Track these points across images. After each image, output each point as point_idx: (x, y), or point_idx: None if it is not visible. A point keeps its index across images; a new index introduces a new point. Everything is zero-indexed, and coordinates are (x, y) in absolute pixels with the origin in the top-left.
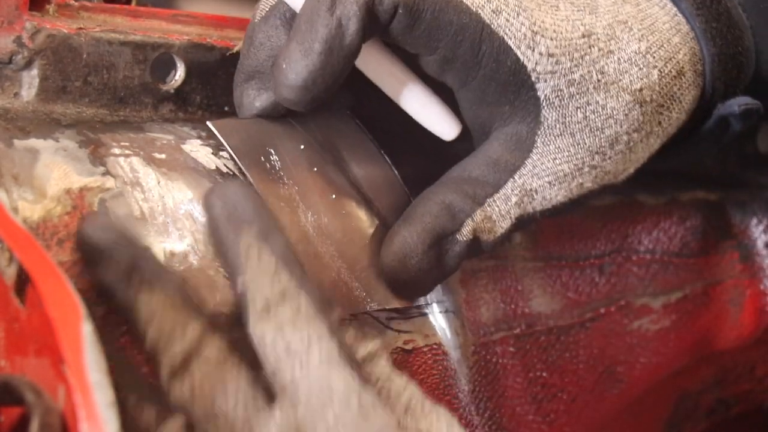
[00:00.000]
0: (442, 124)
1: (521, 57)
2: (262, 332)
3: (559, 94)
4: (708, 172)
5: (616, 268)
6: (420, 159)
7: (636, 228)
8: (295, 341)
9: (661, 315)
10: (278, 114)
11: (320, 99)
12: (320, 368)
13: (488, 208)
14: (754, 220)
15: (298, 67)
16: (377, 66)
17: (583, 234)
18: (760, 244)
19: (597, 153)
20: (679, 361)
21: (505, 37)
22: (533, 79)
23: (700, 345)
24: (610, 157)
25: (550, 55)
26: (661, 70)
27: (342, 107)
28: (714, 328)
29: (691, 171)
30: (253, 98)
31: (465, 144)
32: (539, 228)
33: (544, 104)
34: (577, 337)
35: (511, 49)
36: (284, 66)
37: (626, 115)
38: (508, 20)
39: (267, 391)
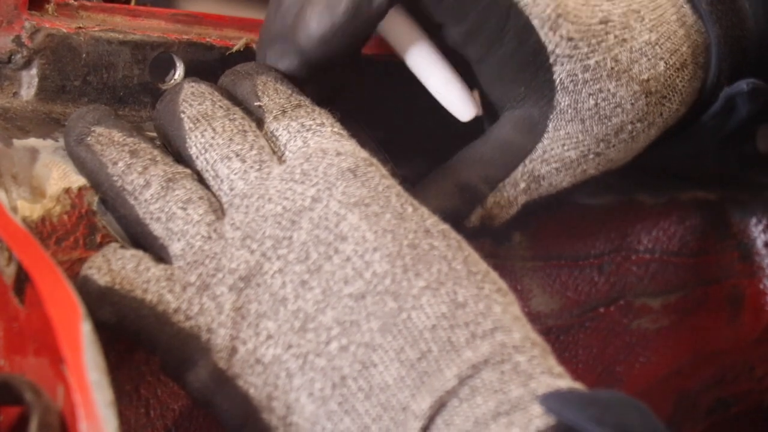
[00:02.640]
0: (461, 104)
1: (543, 38)
2: (277, 125)
3: (573, 78)
4: (707, 171)
5: (616, 268)
6: (420, 159)
7: (635, 227)
8: (309, 122)
9: (661, 314)
10: (298, 81)
11: (334, 59)
12: (333, 136)
13: (498, 194)
14: (754, 220)
15: (322, 18)
16: (403, 37)
17: (582, 233)
18: (759, 243)
19: (602, 140)
20: (678, 360)
21: (531, 17)
22: (551, 61)
23: (699, 344)
24: (613, 146)
25: (570, 39)
26: (667, 61)
27: (341, 106)
28: (713, 327)
29: (691, 170)
30: (275, 62)
31: (472, 133)
32: (539, 227)
33: (558, 88)
34: (576, 337)
35: (534, 30)
36: (308, 14)
37: (632, 104)
38: (534, 0)
39: None
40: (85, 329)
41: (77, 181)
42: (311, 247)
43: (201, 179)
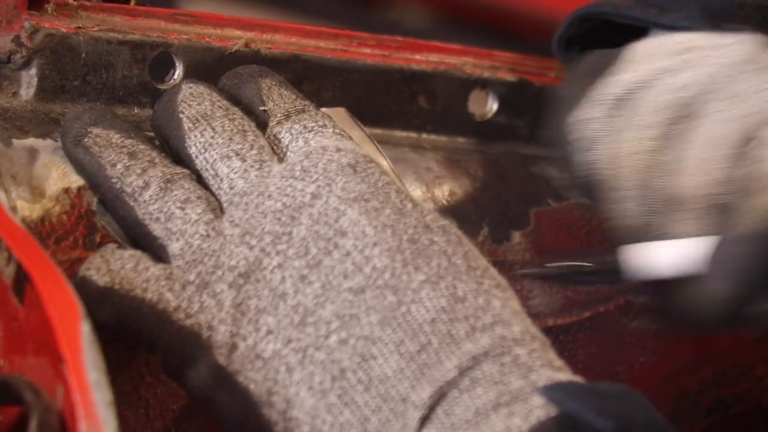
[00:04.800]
0: None
1: None
2: (280, 128)
3: None
4: None
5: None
6: None
7: None
8: (311, 123)
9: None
10: None
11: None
12: (334, 136)
13: None
14: None
15: None
16: None
17: (582, 233)
18: None
19: None
20: (678, 360)
21: None
22: None
23: (699, 344)
24: None
25: None
26: None
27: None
28: None
29: None
30: None
31: None
32: (538, 227)
33: None
34: (576, 337)
35: None
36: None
37: None
38: None
39: None
40: (85, 329)
41: (76, 181)
42: (311, 243)
43: (200, 179)
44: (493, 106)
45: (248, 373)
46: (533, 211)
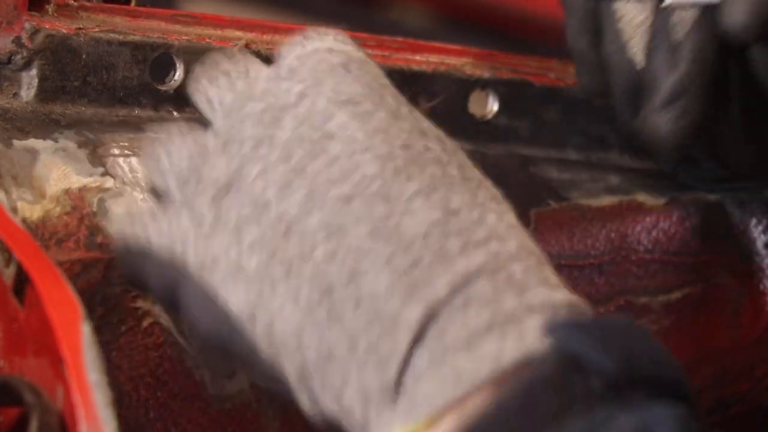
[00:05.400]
0: None
1: None
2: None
3: None
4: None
5: (615, 268)
6: None
7: (635, 228)
8: (311, 33)
9: (661, 314)
10: None
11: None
12: (334, 41)
13: None
14: (753, 221)
15: None
16: None
17: (582, 234)
18: (759, 244)
19: None
20: (678, 360)
21: None
22: None
23: (699, 344)
24: None
25: None
26: None
27: None
28: (713, 327)
29: (691, 171)
30: None
31: None
32: (538, 228)
33: None
34: None
35: None
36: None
37: None
38: None
39: None
40: (85, 330)
41: (77, 181)
42: (295, 146)
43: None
44: (493, 106)
45: (230, 287)
46: (533, 212)
